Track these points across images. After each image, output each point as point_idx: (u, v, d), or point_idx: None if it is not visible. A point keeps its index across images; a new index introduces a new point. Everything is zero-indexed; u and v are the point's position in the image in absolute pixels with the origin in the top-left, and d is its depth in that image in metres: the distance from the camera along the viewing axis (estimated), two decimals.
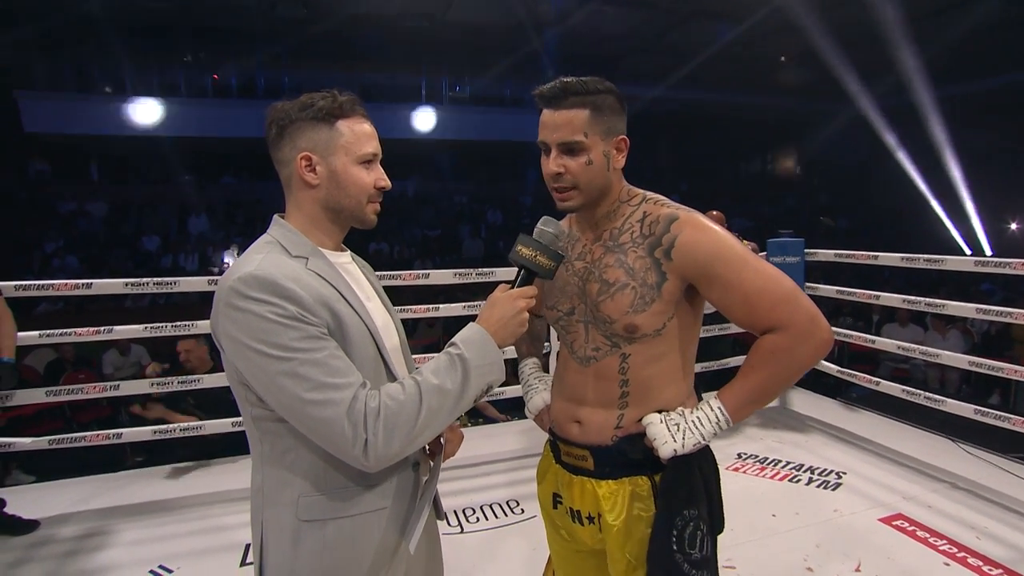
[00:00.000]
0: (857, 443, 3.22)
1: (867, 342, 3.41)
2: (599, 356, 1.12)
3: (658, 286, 1.06)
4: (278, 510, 0.94)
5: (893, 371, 5.98)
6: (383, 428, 0.85)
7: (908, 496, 2.63)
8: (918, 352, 3.09)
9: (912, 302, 3.04)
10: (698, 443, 1.04)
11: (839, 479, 2.83)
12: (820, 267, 8.77)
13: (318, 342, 0.87)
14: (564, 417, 1.19)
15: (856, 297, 3.38)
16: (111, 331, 2.77)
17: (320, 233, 1.01)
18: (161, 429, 2.87)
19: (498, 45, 12.36)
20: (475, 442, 3.33)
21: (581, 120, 1.04)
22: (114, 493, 2.83)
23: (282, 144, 0.98)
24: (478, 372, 0.93)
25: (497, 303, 0.99)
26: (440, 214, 13.61)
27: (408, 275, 3.17)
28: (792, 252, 3.53)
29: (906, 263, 3.00)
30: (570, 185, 1.07)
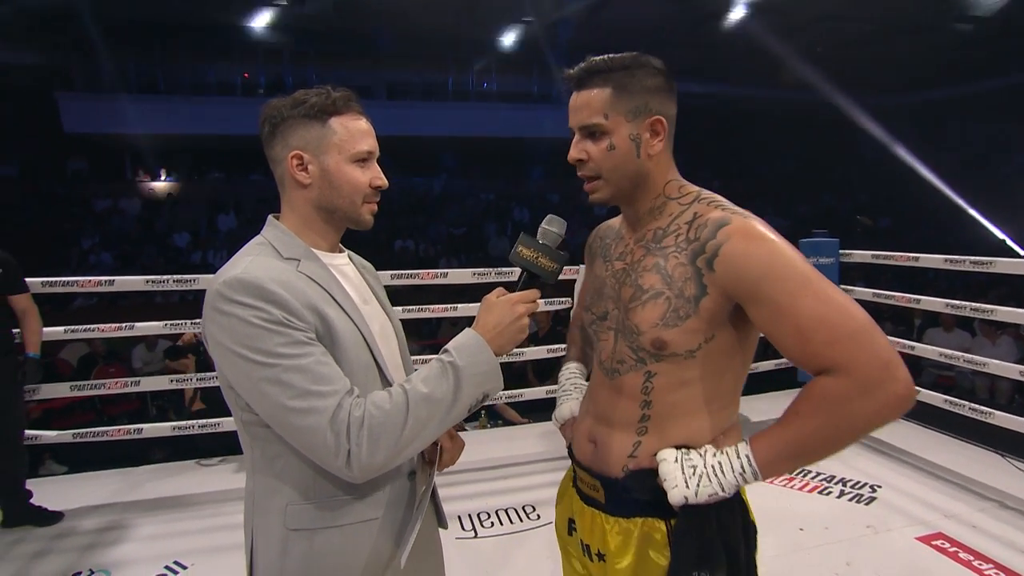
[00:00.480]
0: (894, 455, 3.08)
1: (906, 348, 3.25)
2: (623, 370, 1.01)
3: (696, 300, 0.91)
4: (267, 518, 0.93)
5: (937, 379, 5.74)
6: (367, 438, 0.83)
7: (950, 514, 2.50)
8: (962, 360, 2.94)
9: (956, 306, 2.89)
10: (715, 494, 0.88)
11: (873, 493, 2.71)
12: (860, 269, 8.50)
13: (304, 347, 0.85)
14: (581, 434, 1.10)
15: (895, 301, 3.23)
16: (133, 327, 2.84)
17: (314, 234, 1.00)
18: (180, 425, 2.93)
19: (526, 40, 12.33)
20: (492, 444, 3.31)
21: (601, 100, 0.94)
22: (136, 487, 2.90)
23: (274, 142, 0.97)
24: (472, 380, 0.89)
25: (494, 307, 0.95)
26: (466, 212, 13.65)
27: (426, 274, 3.17)
28: (826, 253, 3.41)
29: (950, 265, 2.85)
30: (594, 174, 0.97)
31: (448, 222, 12.99)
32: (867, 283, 8.14)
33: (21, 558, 2.33)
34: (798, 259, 0.88)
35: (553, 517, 1.23)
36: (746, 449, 0.89)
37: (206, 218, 12.06)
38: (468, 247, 12.24)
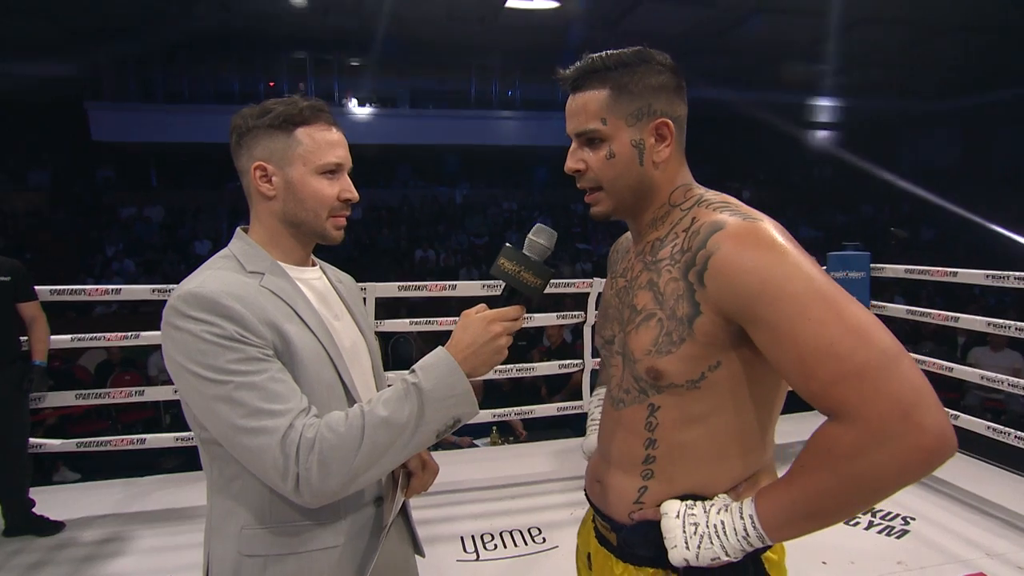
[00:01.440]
0: (930, 484, 2.92)
1: (944, 370, 3.10)
2: (628, 401, 0.91)
3: (689, 321, 0.80)
4: (223, 542, 0.91)
5: (985, 402, 5.48)
6: (317, 463, 0.80)
7: (992, 552, 2.35)
8: (1007, 384, 2.78)
9: (999, 325, 2.74)
10: (718, 558, 0.77)
11: (906, 525, 2.56)
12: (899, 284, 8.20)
13: (258, 364, 0.83)
14: (590, 474, 1.02)
15: (931, 318, 3.09)
16: (139, 336, 2.88)
17: (280, 248, 0.98)
18: (184, 436, 2.95)
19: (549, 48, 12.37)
20: (500, 462, 3.26)
21: (598, 103, 0.85)
22: (140, 498, 2.93)
23: (240, 152, 0.96)
24: (438, 404, 0.85)
25: (469, 326, 0.89)
26: (488, 221, 13.71)
27: (435, 286, 3.16)
28: (856, 267, 3.29)
29: (992, 281, 2.71)
30: (594, 185, 0.89)
31: (470, 232, 13.06)
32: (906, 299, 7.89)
33: (18, 569, 2.36)
34: (805, 270, 0.73)
35: (561, 542, 1.18)
36: (750, 508, 0.76)
37: (227, 226, 12.37)
38: (489, 257, 12.24)
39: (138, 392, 3.00)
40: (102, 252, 10.93)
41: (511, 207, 14.31)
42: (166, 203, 12.80)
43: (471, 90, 14.11)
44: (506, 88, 14.52)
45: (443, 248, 12.27)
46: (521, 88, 14.45)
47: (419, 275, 10.30)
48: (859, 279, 3.29)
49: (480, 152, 14.39)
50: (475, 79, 14.08)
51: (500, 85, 14.43)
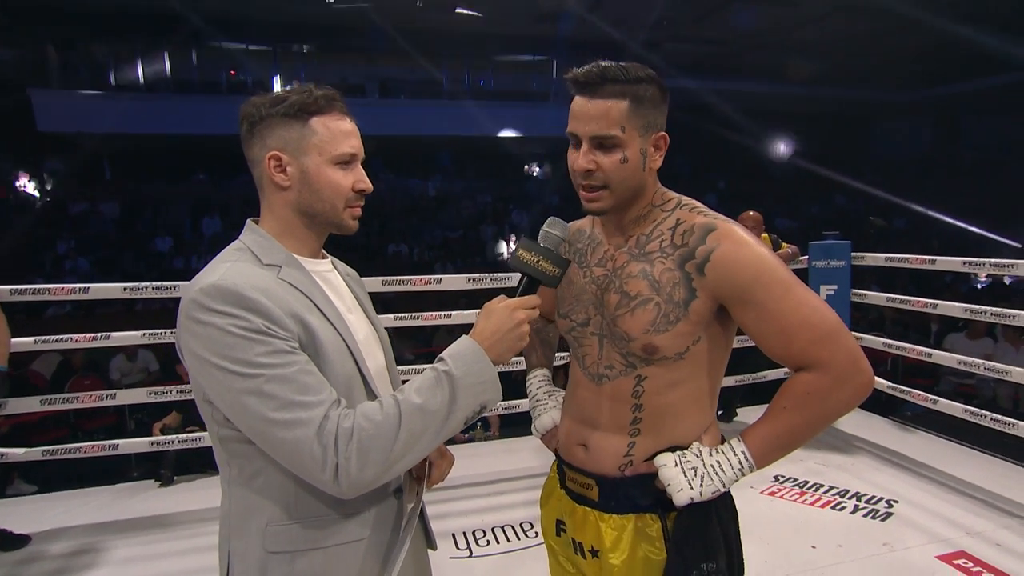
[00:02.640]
0: (912, 468, 3.07)
1: (923, 355, 3.25)
2: (612, 375, 1.07)
3: (685, 304, 0.99)
4: (245, 540, 0.91)
5: (957, 387, 5.72)
6: (356, 451, 0.82)
7: (972, 531, 2.48)
8: (982, 368, 2.93)
9: (975, 311, 2.88)
10: (717, 491, 0.99)
11: (890, 508, 2.69)
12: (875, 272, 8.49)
13: (287, 356, 0.84)
14: (571, 439, 1.15)
15: (910, 305, 3.22)
16: (109, 337, 2.82)
17: (295, 239, 0.99)
18: (159, 440, 2.91)
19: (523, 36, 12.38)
20: (488, 458, 3.29)
21: (619, 112, 0.97)
22: (110, 507, 2.87)
23: (252, 142, 0.96)
24: (468, 391, 0.89)
25: (493, 313, 0.95)
26: (462, 214, 13.67)
27: (419, 280, 3.16)
28: (837, 256, 3.41)
29: (968, 268, 2.85)
30: (600, 184, 1.00)
31: (443, 225, 13.00)
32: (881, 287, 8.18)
33: None
34: (779, 264, 0.99)
35: None
36: (741, 446, 1.00)
37: (190, 221, 12.06)
38: (464, 251, 12.24)
39: (109, 396, 2.93)
40: (53, 250, 10.55)
41: (486, 200, 14.29)
42: (121, 197, 12.39)
43: (443, 79, 14.02)
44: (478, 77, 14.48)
45: (416, 242, 12.20)
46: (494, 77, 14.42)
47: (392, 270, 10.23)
48: (840, 267, 3.42)
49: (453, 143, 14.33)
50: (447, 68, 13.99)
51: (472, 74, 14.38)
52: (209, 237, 11.49)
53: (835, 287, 3.43)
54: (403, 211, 13.23)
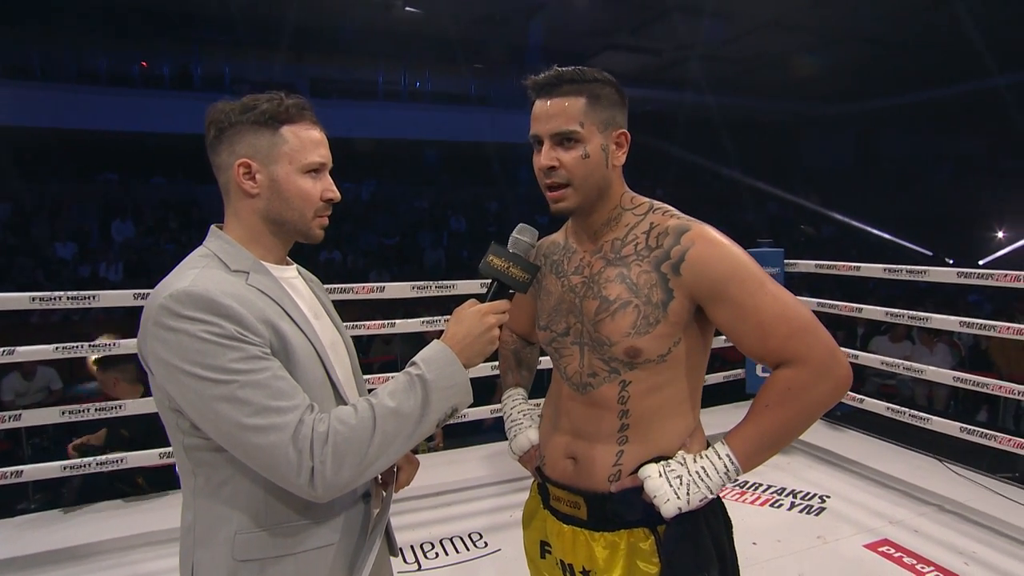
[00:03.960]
0: (841, 464, 3.33)
1: (850, 357, 3.53)
2: (596, 383, 1.10)
3: (664, 305, 1.03)
4: (212, 550, 0.93)
5: (880, 387, 6.21)
6: (332, 455, 0.85)
7: (894, 520, 2.73)
8: (902, 368, 3.23)
9: (895, 315, 3.18)
10: (705, 498, 0.99)
11: (823, 503, 2.92)
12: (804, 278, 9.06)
13: (260, 362, 0.87)
14: (556, 453, 1.16)
15: (838, 310, 3.51)
16: (13, 352, 2.65)
17: (261, 246, 1.01)
18: (72, 464, 2.75)
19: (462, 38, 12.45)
20: (433, 470, 3.30)
21: (576, 108, 1.03)
22: (14, 542, 2.67)
23: (220, 148, 0.98)
24: (441, 394, 0.93)
25: (464, 319, 1.00)
26: (398, 221, 13.54)
27: (361, 288, 3.15)
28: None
29: (889, 274, 3.15)
30: (564, 181, 1.05)
31: (379, 232, 12.84)
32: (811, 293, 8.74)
33: None
34: (753, 261, 1.03)
35: (503, 544, 1.27)
36: (725, 449, 1.01)
37: (97, 225, 11.34)
38: (401, 259, 12.12)
39: (14, 417, 2.75)
40: None
41: (422, 206, 14.22)
42: (14, 197, 11.49)
43: (378, 80, 13.89)
44: (415, 79, 14.43)
45: (350, 249, 11.99)
46: (432, 80, 14.41)
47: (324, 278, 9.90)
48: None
49: (388, 146, 14.18)
50: (382, 68, 13.87)
51: (409, 76, 14.31)
52: (120, 243, 10.85)
53: None
54: (335, 217, 12.79)
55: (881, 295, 9.42)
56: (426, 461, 3.70)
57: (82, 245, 10.63)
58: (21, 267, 9.82)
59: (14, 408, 5.25)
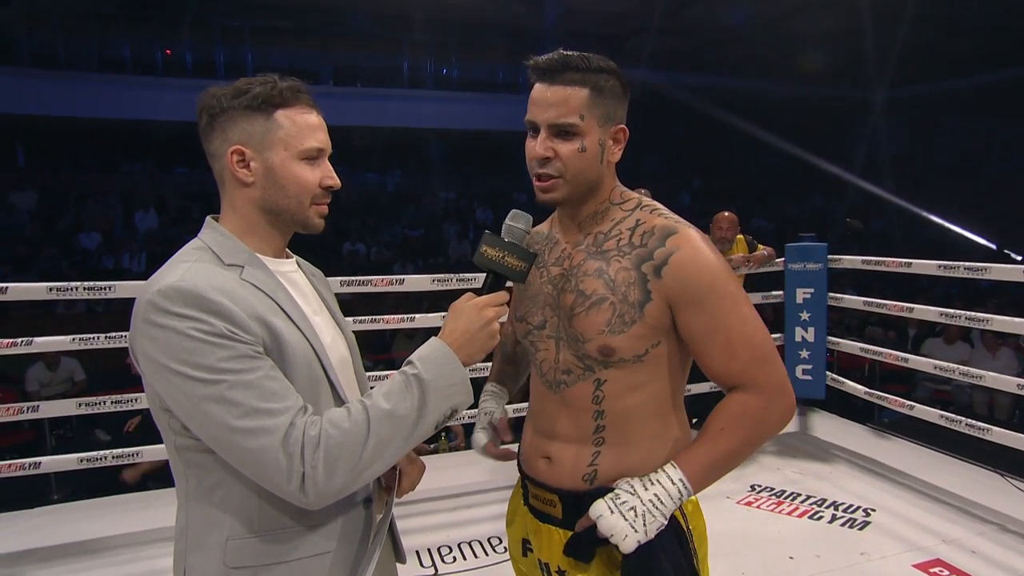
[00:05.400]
0: (888, 476, 3.21)
1: (899, 360, 3.41)
2: (570, 381, 1.10)
3: (640, 306, 1.03)
4: (203, 555, 0.92)
5: (933, 393, 6.00)
6: (323, 460, 0.83)
7: (948, 539, 2.62)
8: (958, 372, 3.10)
9: (951, 315, 3.05)
10: (662, 525, 1.00)
11: (867, 517, 2.81)
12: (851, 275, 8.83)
13: (251, 362, 0.85)
14: (532, 452, 1.17)
15: (886, 309, 3.38)
16: (31, 343, 2.72)
17: (258, 238, 1.00)
18: (88, 457, 2.81)
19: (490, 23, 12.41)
20: (453, 470, 3.30)
21: (579, 100, 1.01)
22: (30, 533, 2.75)
23: (213, 136, 0.96)
24: (439, 395, 0.91)
25: (462, 313, 0.97)
26: (423, 212, 13.62)
27: (381, 280, 3.16)
28: (813, 258, 3.54)
29: (944, 271, 3.01)
30: (556, 173, 1.04)
31: (403, 223, 12.92)
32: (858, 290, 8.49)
33: None
34: (734, 277, 1.05)
35: None
36: (678, 473, 1.01)
37: (121, 216, 11.66)
38: (426, 251, 12.19)
39: (32, 408, 2.83)
40: None
41: (448, 196, 14.26)
42: (39, 187, 11.89)
43: (403, 67, 13.94)
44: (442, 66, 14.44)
45: (374, 241, 12.09)
46: (459, 66, 14.40)
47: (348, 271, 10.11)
48: (817, 270, 3.55)
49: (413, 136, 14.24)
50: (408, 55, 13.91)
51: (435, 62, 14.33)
52: (144, 233, 11.15)
53: (811, 290, 3.56)
54: (360, 208, 13.10)
55: (937, 294, 9.11)
56: (445, 461, 3.71)
57: (106, 236, 10.95)
58: (47, 257, 10.16)
59: (38, 398, 5.46)
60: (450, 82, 14.48)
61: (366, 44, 13.25)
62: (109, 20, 12.02)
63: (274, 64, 12.88)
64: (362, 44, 13.25)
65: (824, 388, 3.61)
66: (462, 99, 13.91)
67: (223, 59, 12.72)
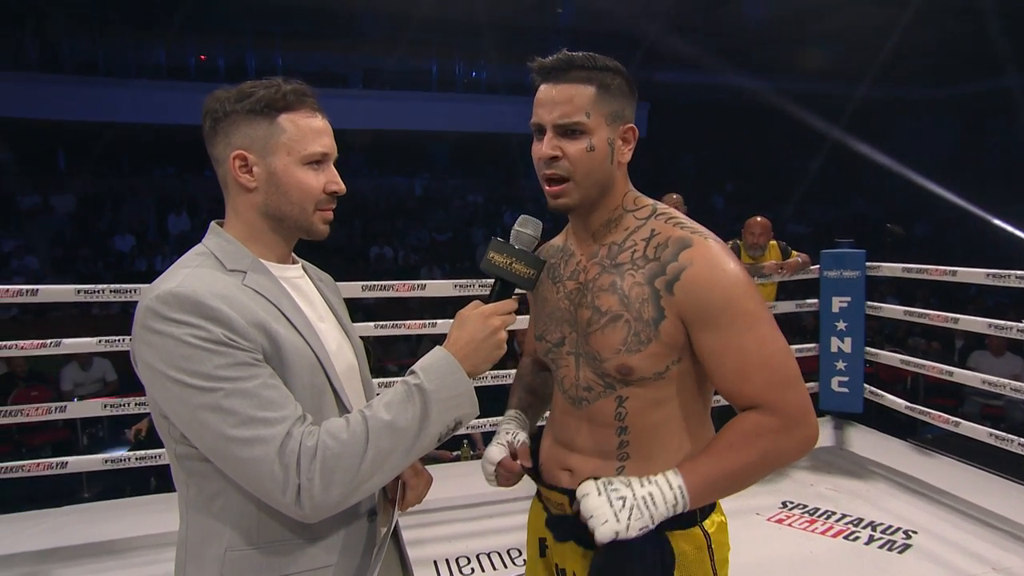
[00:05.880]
0: (931, 495, 3.08)
1: (944, 374, 3.27)
2: (591, 398, 1.08)
3: (655, 324, 1.00)
4: (201, 567, 0.91)
5: (983, 408, 5.77)
6: (320, 472, 0.82)
7: (1000, 567, 2.48)
8: (1009, 388, 2.96)
9: (1001, 327, 2.91)
10: (646, 527, 0.94)
11: (908, 539, 2.70)
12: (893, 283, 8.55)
13: (248, 369, 0.84)
14: (553, 463, 1.15)
15: (930, 320, 3.25)
16: (60, 344, 2.79)
17: (261, 244, 0.99)
18: (112, 458, 2.87)
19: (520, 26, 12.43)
20: (472, 478, 3.26)
21: (585, 98, 1.00)
22: (58, 532, 2.82)
23: (216, 140, 0.96)
24: (441, 406, 0.89)
25: (467, 321, 0.96)
26: (451, 215, 13.70)
27: (402, 286, 3.16)
28: (851, 265, 3.44)
29: (992, 280, 2.88)
30: (565, 175, 1.02)
31: (431, 227, 13.03)
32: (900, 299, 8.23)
33: None
34: (753, 293, 1.00)
35: None
36: (678, 480, 0.95)
37: (154, 219, 12.00)
38: (453, 255, 12.26)
39: (59, 409, 2.90)
40: None
41: (477, 200, 14.33)
42: (77, 191, 12.32)
43: (432, 70, 14.06)
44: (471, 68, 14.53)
45: (401, 245, 12.23)
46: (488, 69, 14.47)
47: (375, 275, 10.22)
48: (854, 278, 3.44)
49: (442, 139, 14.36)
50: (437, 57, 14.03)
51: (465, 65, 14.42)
52: (175, 236, 11.45)
53: (848, 299, 3.45)
54: (387, 211, 13.26)
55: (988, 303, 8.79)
56: (465, 469, 3.69)
57: (140, 238, 11.28)
58: (84, 259, 10.51)
59: (71, 398, 5.63)
60: (479, 85, 14.57)
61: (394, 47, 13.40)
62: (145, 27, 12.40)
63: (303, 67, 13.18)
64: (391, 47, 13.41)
65: (861, 401, 3.49)
66: (491, 102, 13.98)
67: (254, 63, 13.01)
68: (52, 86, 11.77)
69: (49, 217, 11.59)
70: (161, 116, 12.00)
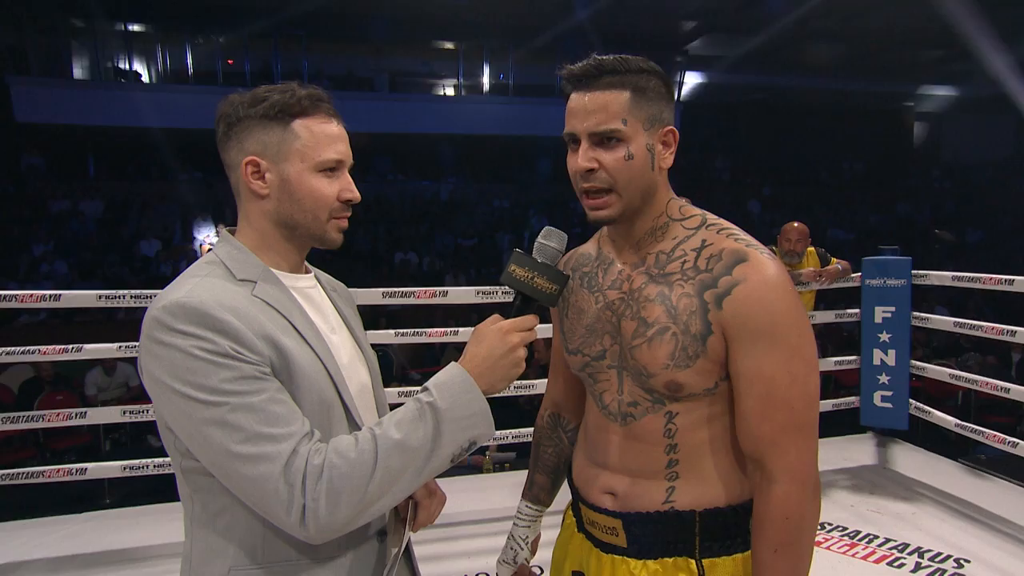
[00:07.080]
0: (985, 521, 2.96)
1: (1000, 391, 3.15)
2: (638, 414, 1.04)
3: (703, 338, 0.97)
4: None
5: None
6: (326, 492, 0.81)
7: None
8: None
9: None
10: None
11: (959, 568, 2.59)
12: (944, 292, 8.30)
13: (255, 383, 0.83)
14: (591, 485, 1.11)
15: (983, 332, 3.13)
16: (81, 349, 2.85)
17: (273, 252, 0.99)
18: (132, 465, 2.92)
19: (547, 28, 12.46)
20: (496, 491, 3.26)
21: (620, 104, 0.96)
22: (79, 538, 2.88)
23: (229, 145, 0.96)
24: (455, 425, 0.87)
25: (484, 337, 0.93)
26: (477, 220, 13.74)
27: (423, 292, 3.17)
28: (895, 274, 3.34)
29: None
30: (605, 187, 0.98)
31: (456, 232, 13.07)
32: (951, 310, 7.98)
33: None
34: (801, 325, 0.97)
35: None
36: None
37: (179, 224, 12.28)
38: (479, 261, 12.28)
39: (79, 415, 2.96)
40: (28, 252, 10.80)
41: (503, 205, 14.35)
42: (106, 196, 12.68)
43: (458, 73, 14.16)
44: (498, 71, 14.60)
45: (426, 251, 12.28)
46: (515, 72, 14.52)
47: (399, 281, 10.30)
48: (899, 287, 3.34)
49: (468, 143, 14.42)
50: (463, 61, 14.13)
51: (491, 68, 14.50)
52: (201, 241, 11.71)
53: (892, 309, 3.35)
54: (412, 216, 13.35)
55: None
56: (491, 482, 3.67)
57: (165, 243, 11.55)
58: (110, 264, 10.80)
59: (96, 402, 5.77)
60: (506, 88, 14.63)
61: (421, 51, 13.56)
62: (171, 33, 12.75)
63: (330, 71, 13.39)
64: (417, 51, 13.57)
65: (907, 417, 3.39)
66: (518, 105, 14.01)
67: (280, 68, 13.27)
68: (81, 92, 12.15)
69: (79, 222, 11.94)
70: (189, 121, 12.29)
